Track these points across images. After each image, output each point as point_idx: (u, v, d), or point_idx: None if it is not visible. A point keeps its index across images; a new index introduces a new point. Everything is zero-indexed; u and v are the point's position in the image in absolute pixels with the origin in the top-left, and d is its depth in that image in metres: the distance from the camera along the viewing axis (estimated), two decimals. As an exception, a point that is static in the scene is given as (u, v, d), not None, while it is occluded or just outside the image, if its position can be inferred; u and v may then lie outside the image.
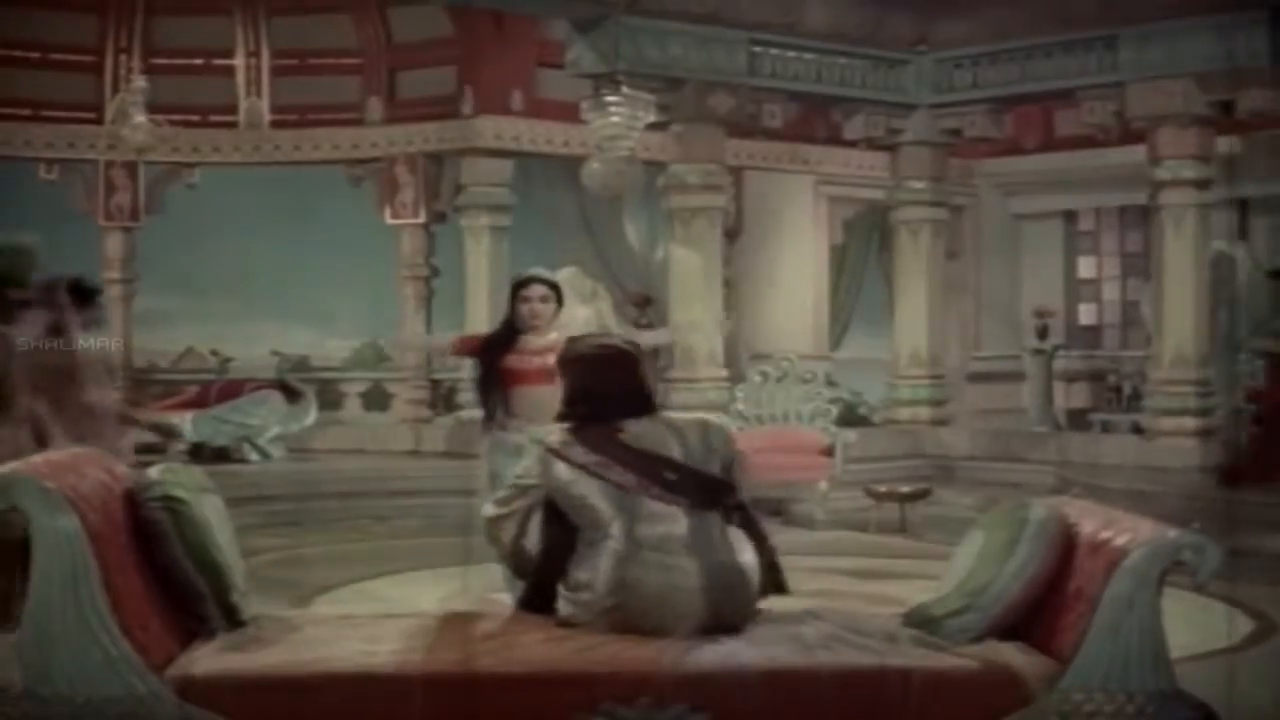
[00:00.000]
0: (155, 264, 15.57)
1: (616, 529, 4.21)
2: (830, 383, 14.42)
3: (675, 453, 4.31)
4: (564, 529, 4.32)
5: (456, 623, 4.32)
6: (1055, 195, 17.87)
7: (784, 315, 17.15)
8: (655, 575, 4.14)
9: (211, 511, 4.26)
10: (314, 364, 15.83)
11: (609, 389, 4.41)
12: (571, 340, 4.77)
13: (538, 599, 4.34)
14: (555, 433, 4.40)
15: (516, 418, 7.15)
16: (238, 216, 16.21)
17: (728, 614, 4.19)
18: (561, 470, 4.29)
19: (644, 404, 4.44)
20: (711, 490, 4.32)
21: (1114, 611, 3.89)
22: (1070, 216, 18.48)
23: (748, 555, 4.33)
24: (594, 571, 4.19)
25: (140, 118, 13.18)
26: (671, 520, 4.22)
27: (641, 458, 4.27)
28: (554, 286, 7.48)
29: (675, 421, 4.47)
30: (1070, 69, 13.71)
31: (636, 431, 4.33)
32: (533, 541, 4.40)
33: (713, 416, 12.99)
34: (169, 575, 4.10)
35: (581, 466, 4.26)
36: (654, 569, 4.15)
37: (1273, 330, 12.08)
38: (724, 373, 13.74)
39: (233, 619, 4.18)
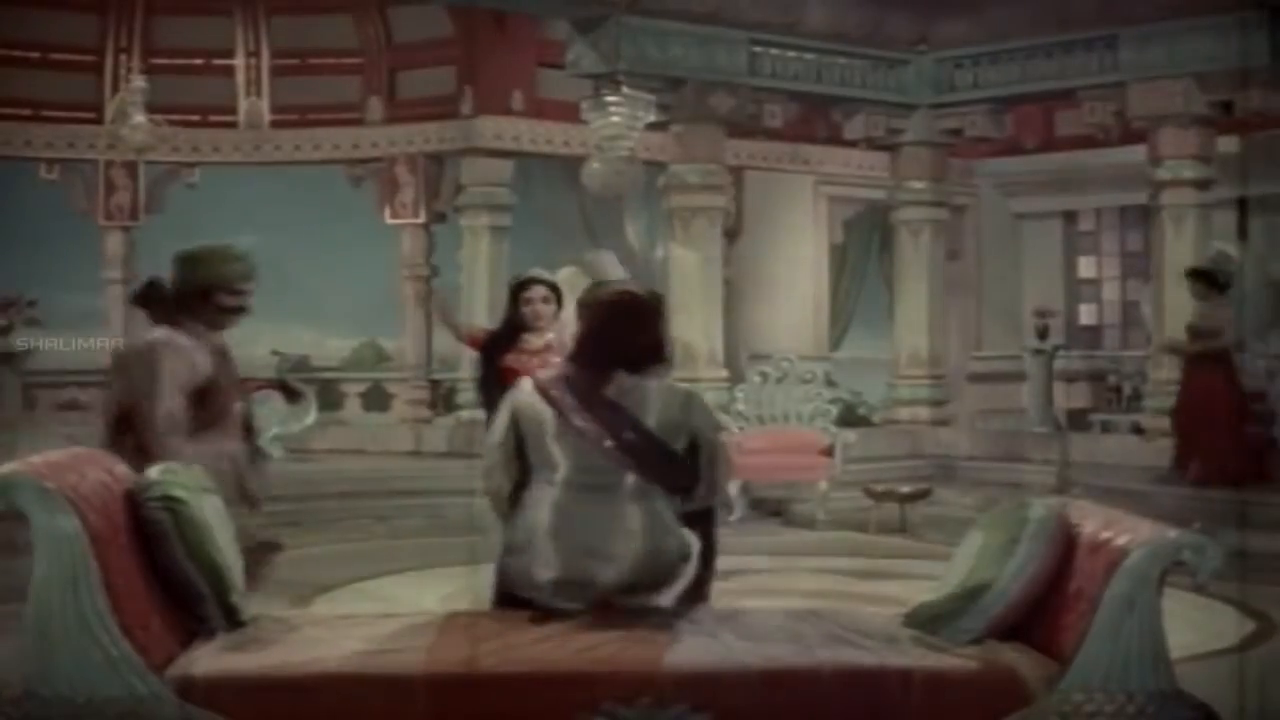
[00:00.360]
0: (155, 264, 15.51)
1: (562, 473, 4.29)
2: (830, 383, 14.42)
3: (650, 418, 4.33)
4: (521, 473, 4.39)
5: (457, 623, 4.32)
6: (1055, 195, 17.87)
7: (784, 315, 17.15)
8: (594, 511, 4.24)
9: (211, 512, 4.25)
10: (314, 364, 15.84)
11: (616, 337, 4.42)
12: (595, 285, 4.81)
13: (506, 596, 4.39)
14: (551, 369, 4.56)
15: None
16: (238, 216, 16.19)
17: (661, 567, 4.26)
18: (535, 401, 4.36)
19: (647, 358, 4.42)
20: (665, 462, 4.33)
21: (1114, 612, 3.89)
22: (1070, 216, 18.48)
23: (687, 533, 4.37)
24: (535, 519, 4.27)
25: (139, 117, 13.18)
26: (618, 475, 4.27)
27: (610, 410, 4.30)
28: (554, 287, 7.48)
29: (665, 387, 4.44)
30: (1070, 69, 13.72)
31: (622, 385, 4.35)
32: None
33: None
34: (169, 575, 4.10)
35: (553, 403, 4.32)
36: (593, 507, 4.24)
37: (1191, 329, 12.08)
38: (724, 373, 13.74)
39: (233, 619, 4.18)
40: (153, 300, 6.20)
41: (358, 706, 3.81)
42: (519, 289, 7.43)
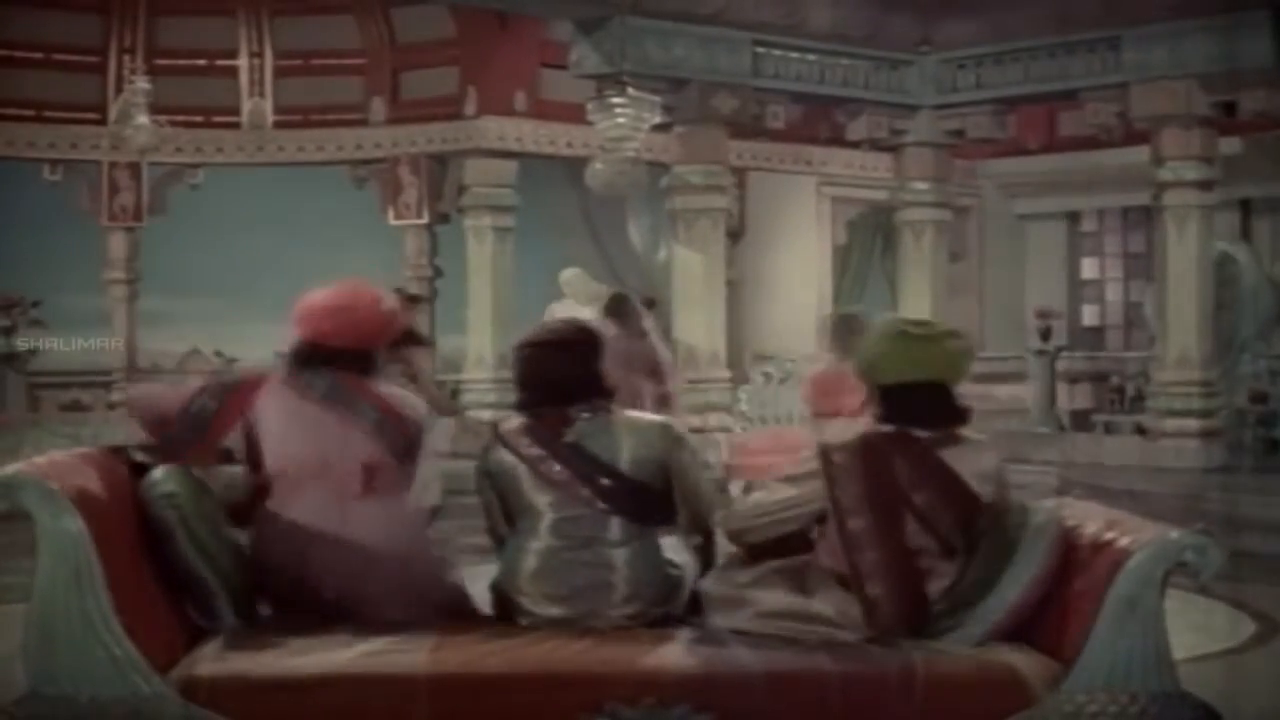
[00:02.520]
0: (159, 264, 15.60)
1: (546, 523, 4.22)
2: (833, 384, 14.38)
3: (620, 457, 4.23)
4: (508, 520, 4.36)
5: (461, 623, 4.32)
6: (1058, 196, 17.88)
7: (787, 316, 17.15)
8: (582, 571, 4.17)
9: (216, 512, 4.25)
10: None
11: (557, 375, 4.31)
12: (539, 326, 4.75)
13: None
14: (513, 419, 4.38)
15: None
16: (241, 217, 16.22)
17: (654, 602, 4.21)
18: (504, 456, 4.28)
19: (594, 392, 4.30)
20: (643, 504, 4.25)
21: (1117, 612, 3.88)
22: (1073, 217, 18.48)
23: (681, 555, 4.35)
24: (522, 564, 4.23)
25: (143, 118, 13.19)
26: (601, 522, 4.21)
27: (580, 458, 4.21)
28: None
29: (631, 422, 4.31)
30: (1073, 70, 13.73)
31: (584, 429, 4.25)
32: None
33: (713, 418, 13.04)
34: (175, 575, 4.10)
35: (521, 457, 4.24)
36: (580, 565, 4.18)
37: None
38: (727, 374, 13.74)
39: (243, 616, 4.18)
40: (621, 312, 9.71)
41: (362, 707, 3.82)
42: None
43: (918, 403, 4.15)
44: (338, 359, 4.42)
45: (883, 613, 4.07)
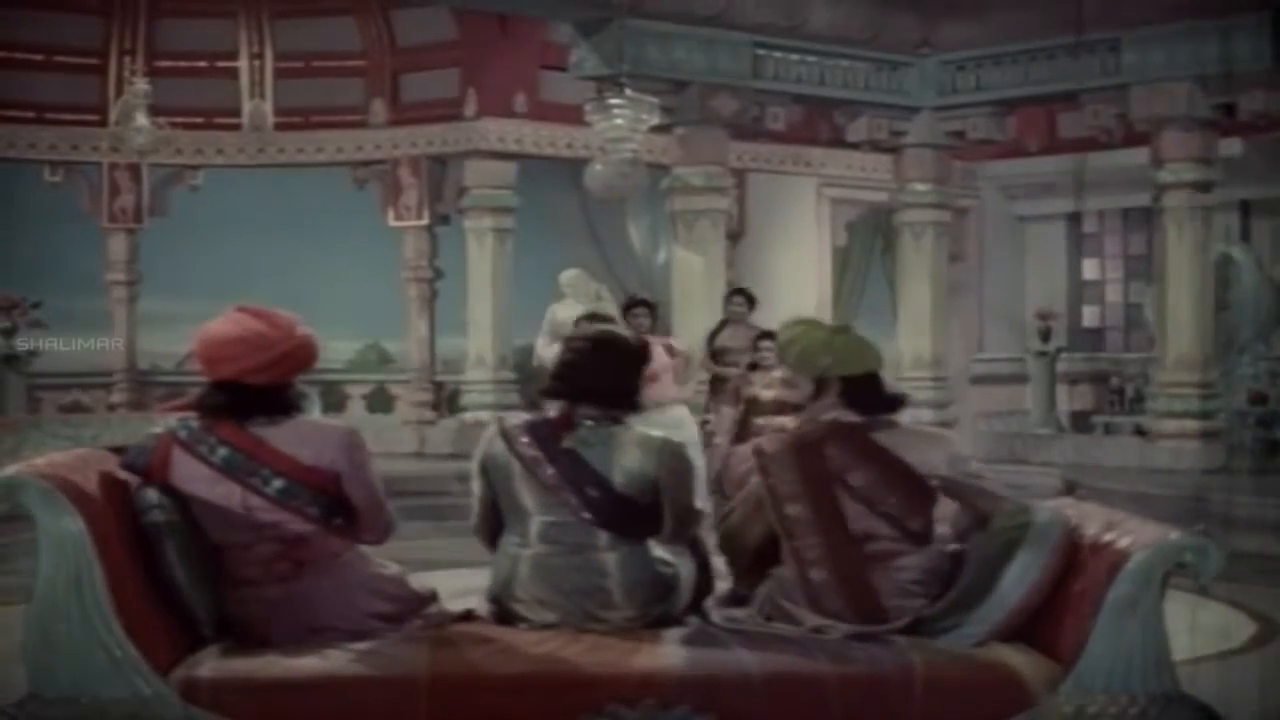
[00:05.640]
0: (159, 266, 15.60)
1: (535, 527, 4.24)
2: (833, 385, 14.39)
3: (613, 469, 4.23)
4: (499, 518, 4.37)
5: (460, 623, 4.32)
6: (1058, 197, 17.87)
7: (786, 318, 17.12)
8: (574, 576, 4.19)
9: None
10: (317, 366, 15.83)
11: (589, 375, 4.34)
12: (585, 317, 4.79)
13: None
14: (519, 414, 4.46)
15: None
16: (241, 219, 16.22)
17: (648, 603, 4.22)
18: (502, 450, 4.30)
19: (617, 399, 4.34)
20: (628, 518, 4.25)
21: (1116, 614, 3.89)
22: (1073, 219, 18.47)
23: (672, 554, 4.33)
24: (515, 571, 4.25)
25: (143, 120, 13.20)
26: (590, 529, 4.21)
27: (574, 466, 4.22)
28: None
29: (637, 437, 4.30)
30: (1073, 71, 13.71)
31: (585, 436, 4.26)
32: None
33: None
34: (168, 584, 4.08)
35: (517, 455, 4.26)
36: (572, 571, 4.19)
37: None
38: (727, 375, 13.72)
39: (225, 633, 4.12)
40: None
41: (362, 708, 3.82)
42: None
43: (861, 393, 4.46)
44: (253, 403, 4.15)
45: (827, 599, 4.16)
